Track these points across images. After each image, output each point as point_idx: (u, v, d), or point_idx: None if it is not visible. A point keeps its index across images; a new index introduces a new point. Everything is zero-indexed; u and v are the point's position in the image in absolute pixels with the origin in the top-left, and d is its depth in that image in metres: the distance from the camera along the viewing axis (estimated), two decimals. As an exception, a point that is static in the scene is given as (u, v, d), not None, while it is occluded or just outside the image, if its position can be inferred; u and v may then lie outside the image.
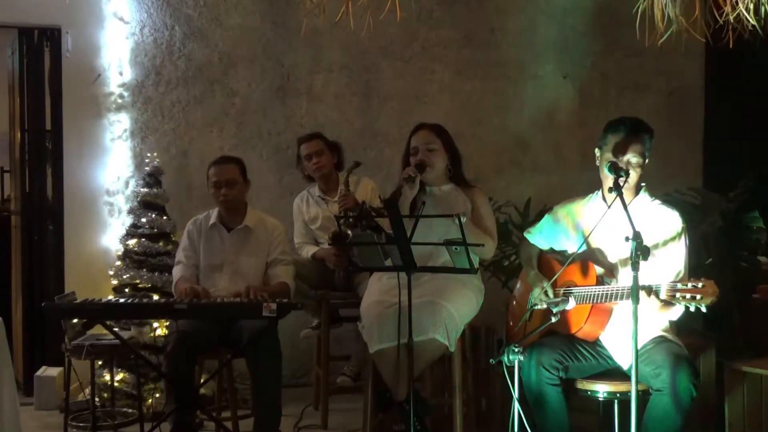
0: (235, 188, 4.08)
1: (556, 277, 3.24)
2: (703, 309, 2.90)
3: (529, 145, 5.80)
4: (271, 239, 4.13)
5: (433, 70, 5.69)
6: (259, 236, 4.12)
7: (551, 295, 3.24)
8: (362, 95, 5.60)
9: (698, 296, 2.88)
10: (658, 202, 3.32)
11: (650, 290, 2.98)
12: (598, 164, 3.33)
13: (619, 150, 3.22)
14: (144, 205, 4.88)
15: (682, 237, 3.23)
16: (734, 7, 3.10)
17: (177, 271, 4.14)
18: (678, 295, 2.92)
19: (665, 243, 3.20)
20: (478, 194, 3.79)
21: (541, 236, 3.58)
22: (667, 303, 2.99)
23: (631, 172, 3.20)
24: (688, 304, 2.91)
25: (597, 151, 3.33)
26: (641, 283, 2.88)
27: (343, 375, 4.68)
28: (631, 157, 3.22)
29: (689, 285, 2.90)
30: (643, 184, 3.32)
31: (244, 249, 4.10)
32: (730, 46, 3.28)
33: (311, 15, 3.30)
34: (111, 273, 4.83)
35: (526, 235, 3.66)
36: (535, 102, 5.81)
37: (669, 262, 3.18)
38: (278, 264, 4.11)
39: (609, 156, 3.23)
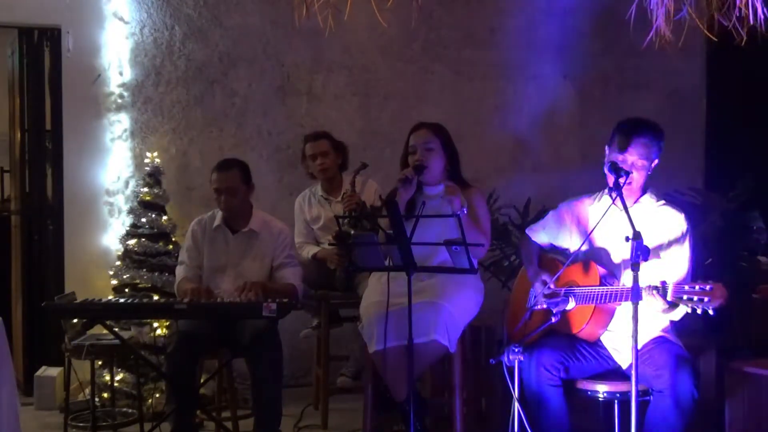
0: (236, 196, 4.04)
1: (559, 273, 3.22)
2: (711, 312, 2.85)
3: (529, 145, 5.79)
4: (276, 244, 4.10)
5: (433, 71, 5.69)
6: (264, 240, 4.10)
7: (553, 287, 3.22)
8: (362, 95, 5.60)
9: (706, 299, 2.84)
10: (663, 202, 3.30)
11: (656, 291, 2.96)
12: (605, 161, 3.31)
13: (620, 148, 3.20)
14: (144, 205, 4.88)
15: (687, 238, 3.21)
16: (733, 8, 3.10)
17: (180, 272, 4.13)
18: (685, 297, 2.88)
19: (670, 244, 3.19)
20: (475, 195, 3.77)
21: (543, 233, 3.56)
22: (672, 304, 2.98)
23: (633, 172, 3.18)
24: (695, 307, 2.86)
25: (606, 149, 3.32)
26: (647, 283, 2.86)
27: (343, 376, 4.68)
28: (632, 157, 3.20)
29: (697, 288, 2.86)
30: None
31: (248, 252, 4.09)
32: (742, 43, 3.27)
33: (299, 9, 3.32)
34: (111, 273, 4.83)
35: (527, 231, 3.64)
36: (534, 102, 5.80)
37: (674, 263, 3.18)
38: (285, 266, 4.08)
39: (611, 156, 3.23)
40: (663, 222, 3.22)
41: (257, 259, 4.08)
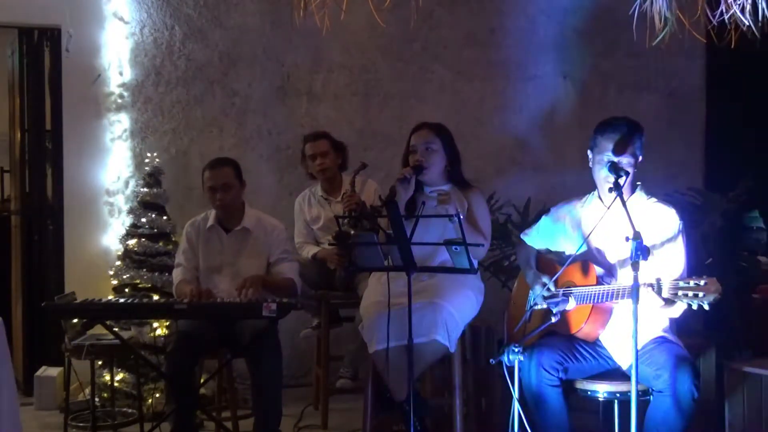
0: (231, 192, 4.04)
1: (558, 274, 3.23)
2: (706, 307, 2.87)
3: (528, 145, 5.79)
4: (270, 241, 4.10)
5: (433, 70, 5.69)
6: (258, 237, 4.10)
7: (553, 289, 3.22)
8: (362, 95, 5.60)
9: (700, 294, 2.85)
10: (654, 200, 3.32)
11: (652, 288, 2.97)
12: (591, 165, 3.33)
13: (618, 151, 3.21)
14: (144, 205, 4.88)
15: (680, 234, 3.22)
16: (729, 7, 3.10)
17: (177, 274, 4.12)
18: (680, 293, 2.89)
19: (663, 241, 3.20)
20: (475, 195, 3.78)
21: (538, 237, 3.57)
22: (669, 301, 2.98)
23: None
24: (690, 302, 2.88)
25: (589, 153, 3.33)
26: (642, 281, 2.87)
27: (342, 378, 4.67)
28: (624, 158, 3.21)
29: (691, 283, 2.88)
30: (638, 183, 3.31)
31: (243, 251, 4.08)
32: (732, 45, 3.28)
33: (297, 9, 3.34)
34: (111, 273, 4.83)
35: (522, 236, 3.65)
36: (534, 102, 5.80)
37: (668, 259, 3.18)
38: (282, 262, 4.08)
39: (603, 157, 3.23)
40: (656, 219, 3.23)
41: (253, 256, 4.08)
